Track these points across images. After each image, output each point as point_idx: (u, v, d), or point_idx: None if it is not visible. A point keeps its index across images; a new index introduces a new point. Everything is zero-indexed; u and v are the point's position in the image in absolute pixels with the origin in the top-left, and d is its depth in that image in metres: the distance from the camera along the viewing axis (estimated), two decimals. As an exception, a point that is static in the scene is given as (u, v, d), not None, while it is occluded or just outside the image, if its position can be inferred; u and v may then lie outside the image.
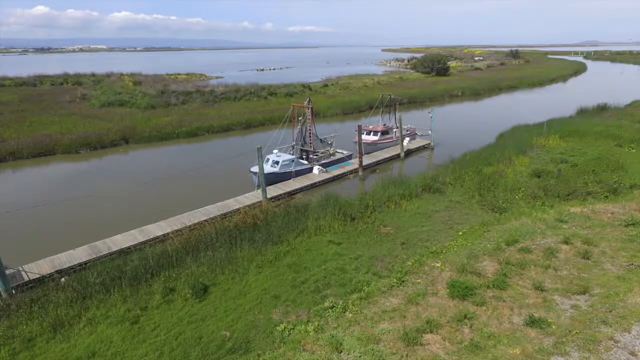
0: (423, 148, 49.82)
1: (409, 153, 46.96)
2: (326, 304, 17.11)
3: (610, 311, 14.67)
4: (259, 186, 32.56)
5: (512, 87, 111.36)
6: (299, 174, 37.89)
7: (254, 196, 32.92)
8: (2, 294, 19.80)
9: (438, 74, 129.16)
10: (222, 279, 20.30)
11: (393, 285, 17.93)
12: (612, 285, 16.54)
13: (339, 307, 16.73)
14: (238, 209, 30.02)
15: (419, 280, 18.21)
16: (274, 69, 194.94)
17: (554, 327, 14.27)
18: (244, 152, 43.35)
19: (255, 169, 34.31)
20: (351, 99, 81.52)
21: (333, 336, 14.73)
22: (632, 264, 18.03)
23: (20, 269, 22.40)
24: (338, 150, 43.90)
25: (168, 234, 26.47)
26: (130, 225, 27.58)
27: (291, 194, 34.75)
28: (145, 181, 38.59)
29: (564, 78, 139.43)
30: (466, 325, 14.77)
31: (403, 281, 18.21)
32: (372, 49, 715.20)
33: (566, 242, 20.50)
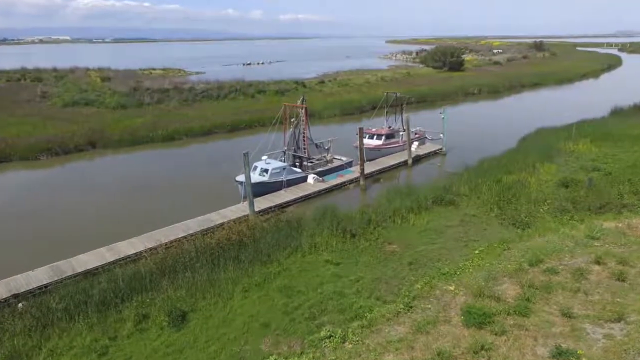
0: (434, 154, 50.11)
1: (417, 159, 47.21)
2: (322, 333, 17.15)
3: (648, 340, 14.78)
4: (245, 198, 32.65)
5: (536, 84, 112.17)
6: (291, 183, 38.02)
7: (239, 209, 33.00)
8: (-51, 322, 19.74)
9: (451, 68, 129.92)
10: (203, 305, 20.33)
11: (399, 312, 18.02)
12: (650, 311, 16.66)
13: (337, 336, 16.78)
14: (221, 224, 30.09)
15: (429, 306, 18.30)
16: (262, 63, 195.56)
17: (584, 359, 14.37)
18: (228, 159, 43.50)
19: (241, 178, 34.39)
20: (351, 98, 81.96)
21: (331, 370, 14.78)
22: (673, 287, 18.17)
23: (-30, 293, 22.36)
24: (336, 157, 44.07)
25: (141, 252, 26.51)
26: (98, 243, 27.56)
27: (282, 206, 34.85)
28: (115, 192, 38.62)
29: (595, 73, 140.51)
30: (483, 357, 14.85)
31: (411, 307, 18.29)
32: (374, 40, 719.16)
33: (598, 262, 20.62)
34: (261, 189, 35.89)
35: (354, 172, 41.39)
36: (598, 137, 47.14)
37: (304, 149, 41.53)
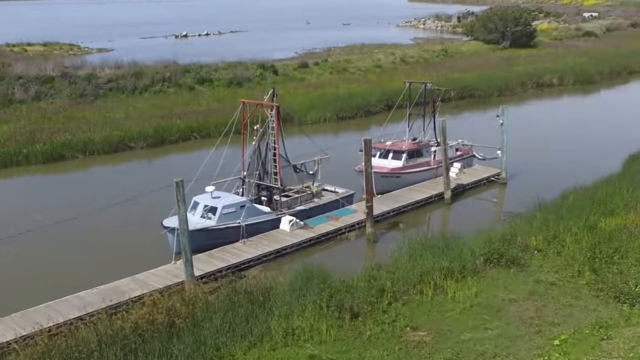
0: (486, 182, 50.72)
1: (460, 192, 47.71)
2: None
3: None
4: (179, 254, 32.70)
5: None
6: (254, 230, 38.16)
7: (169, 273, 33.15)
8: None
9: (514, 43, 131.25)
10: None
11: None
12: None
13: None
14: (140, 297, 30.20)
15: None
16: (207, 34, 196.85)
17: None
18: (150, 191, 43.65)
19: (171, 222, 34.53)
20: (351, 91, 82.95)
21: None
22: None
23: None
24: (327, 187, 44.48)
25: (9, 343, 26.48)
26: None
27: (240, 268, 34.97)
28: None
29: None
30: None
31: None
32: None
33: None
34: (205, 240, 36.11)
35: (356, 212, 41.76)
36: None
37: (275, 174, 41.54)
